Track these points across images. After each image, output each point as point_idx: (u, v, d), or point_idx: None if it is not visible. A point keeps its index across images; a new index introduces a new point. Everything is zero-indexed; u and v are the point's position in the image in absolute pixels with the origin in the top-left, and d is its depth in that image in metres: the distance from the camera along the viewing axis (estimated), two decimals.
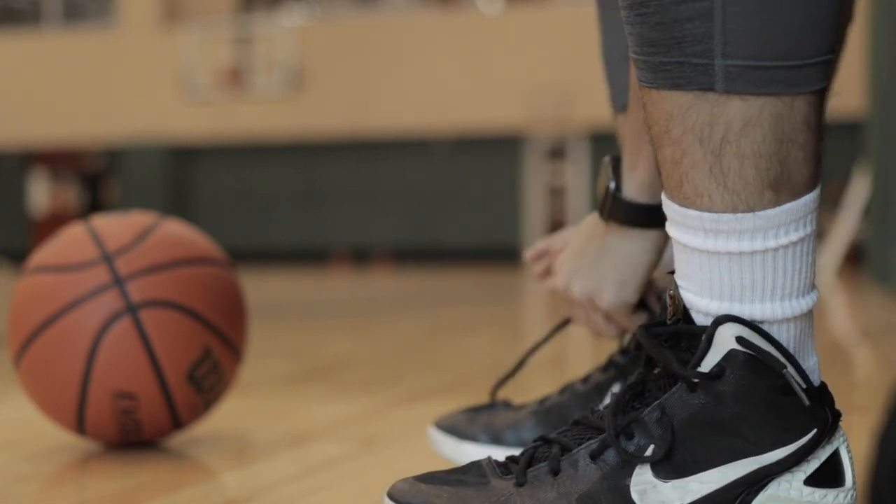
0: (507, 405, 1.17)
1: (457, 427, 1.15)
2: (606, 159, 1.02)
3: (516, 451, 1.06)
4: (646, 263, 1.00)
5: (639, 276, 1.00)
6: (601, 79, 1.16)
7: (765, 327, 0.72)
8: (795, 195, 0.71)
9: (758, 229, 0.71)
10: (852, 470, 0.74)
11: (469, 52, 14.42)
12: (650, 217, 0.98)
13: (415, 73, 14.60)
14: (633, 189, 0.99)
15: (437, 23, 14.85)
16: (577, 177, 14.39)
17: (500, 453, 1.11)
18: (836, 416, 0.74)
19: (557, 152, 14.51)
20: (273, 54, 15.16)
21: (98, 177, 15.69)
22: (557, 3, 14.27)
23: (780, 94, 0.69)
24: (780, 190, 0.70)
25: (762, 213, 0.70)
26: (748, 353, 0.72)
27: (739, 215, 0.71)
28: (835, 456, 0.74)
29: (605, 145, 13.55)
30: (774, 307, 0.72)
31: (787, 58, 0.68)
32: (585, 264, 1.02)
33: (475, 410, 1.16)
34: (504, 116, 14.26)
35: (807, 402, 0.72)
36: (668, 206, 0.75)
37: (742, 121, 0.69)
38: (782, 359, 0.72)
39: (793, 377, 0.72)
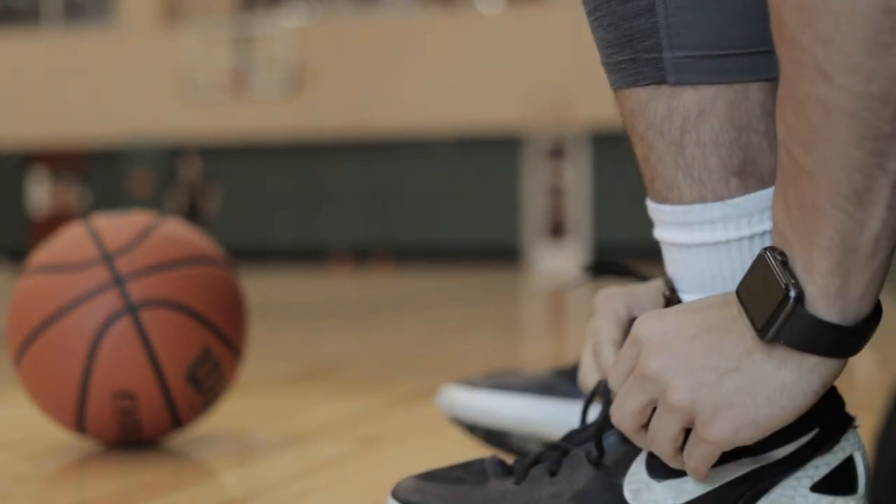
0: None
1: (470, 378, 1.21)
2: (764, 249, 0.64)
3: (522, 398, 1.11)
4: (799, 408, 0.64)
5: (778, 421, 0.65)
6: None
7: None
8: (764, 183, 0.71)
9: (728, 218, 0.71)
10: (867, 478, 0.72)
11: (469, 52, 14.42)
12: (834, 343, 0.62)
13: (415, 73, 14.60)
14: (821, 300, 0.62)
15: (437, 23, 14.85)
16: (577, 177, 14.39)
17: (508, 401, 1.14)
18: (846, 420, 0.72)
19: (557, 152, 14.51)
20: (273, 54, 15.16)
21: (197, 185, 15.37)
22: (557, 3, 14.26)
23: (733, 82, 0.70)
24: (746, 178, 0.71)
25: (731, 201, 0.71)
26: None
27: (709, 205, 0.71)
28: (848, 463, 0.71)
29: (605, 145, 13.55)
30: None
31: (735, 46, 0.69)
32: (709, 366, 0.66)
33: (494, 374, 1.21)
34: (504, 116, 14.26)
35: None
36: (649, 207, 0.76)
37: (697, 110, 0.70)
38: None
39: None
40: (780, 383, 0.63)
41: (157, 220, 1.35)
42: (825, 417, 0.71)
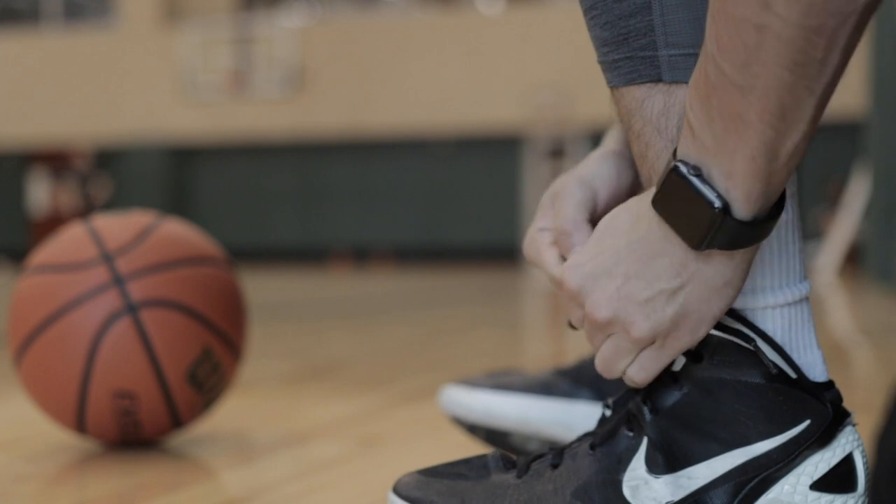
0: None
1: (471, 378, 1.21)
2: (675, 165, 0.66)
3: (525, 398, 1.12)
4: (739, 288, 0.69)
5: (727, 306, 0.70)
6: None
7: (747, 315, 0.72)
8: None
9: None
10: (866, 475, 0.72)
11: (469, 52, 14.41)
12: (757, 235, 0.67)
13: (415, 73, 14.60)
14: (744, 203, 0.65)
15: (437, 23, 14.85)
16: None
17: (509, 401, 1.15)
18: (842, 414, 0.72)
19: (557, 152, 14.51)
20: (273, 54, 15.15)
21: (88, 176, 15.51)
22: (557, 3, 14.26)
23: None
24: None
25: None
26: (721, 337, 0.71)
27: None
28: (847, 461, 0.71)
29: None
30: (756, 297, 0.72)
31: None
32: (655, 294, 0.69)
33: (495, 374, 1.21)
34: (504, 116, 14.26)
35: (773, 369, 0.70)
36: None
37: None
38: (752, 333, 0.71)
39: (763, 353, 0.70)
40: (722, 281, 0.68)
41: (158, 221, 1.35)
42: (816, 409, 0.71)
